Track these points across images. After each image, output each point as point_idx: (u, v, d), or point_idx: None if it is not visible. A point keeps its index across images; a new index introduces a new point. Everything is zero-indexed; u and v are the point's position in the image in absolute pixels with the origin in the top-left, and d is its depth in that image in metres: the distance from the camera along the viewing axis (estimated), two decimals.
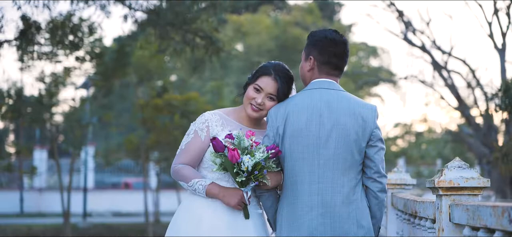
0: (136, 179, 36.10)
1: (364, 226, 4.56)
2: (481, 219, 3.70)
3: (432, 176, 34.31)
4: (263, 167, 4.51)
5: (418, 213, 5.27)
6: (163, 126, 24.52)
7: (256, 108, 4.85)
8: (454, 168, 4.31)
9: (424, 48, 23.42)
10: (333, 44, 4.72)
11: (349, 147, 4.54)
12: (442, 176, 4.30)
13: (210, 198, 4.78)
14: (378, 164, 4.62)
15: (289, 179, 4.64)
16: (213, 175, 4.83)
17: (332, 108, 4.57)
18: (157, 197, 27.92)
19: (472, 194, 4.30)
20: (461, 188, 4.28)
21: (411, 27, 23.48)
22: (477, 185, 4.26)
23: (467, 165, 4.34)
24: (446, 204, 4.31)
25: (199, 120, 4.96)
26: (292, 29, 38.47)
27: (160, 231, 26.33)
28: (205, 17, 11.65)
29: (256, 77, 4.90)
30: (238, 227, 4.76)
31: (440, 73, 23.47)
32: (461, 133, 26.78)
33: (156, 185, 28.66)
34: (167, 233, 5.00)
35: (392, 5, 23.65)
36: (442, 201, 4.33)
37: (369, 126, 4.58)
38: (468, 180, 4.26)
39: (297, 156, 4.59)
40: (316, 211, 4.52)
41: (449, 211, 4.30)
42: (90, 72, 22.73)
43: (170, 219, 18.56)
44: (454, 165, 4.33)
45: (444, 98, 24.19)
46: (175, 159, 4.98)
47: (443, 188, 4.30)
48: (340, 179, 4.54)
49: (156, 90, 26.14)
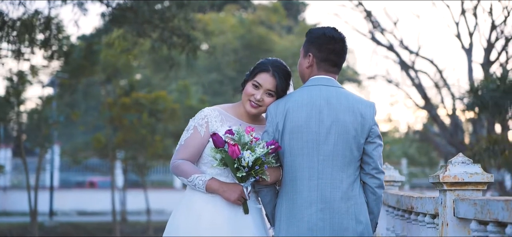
0: (101, 178, 35.87)
1: (362, 222, 4.61)
2: (491, 213, 3.76)
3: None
4: (263, 163, 4.53)
5: (414, 208, 5.33)
6: (131, 125, 24.42)
7: (255, 104, 4.88)
8: (458, 164, 4.37)
9: (391, 48, 23.61)
10: (332, 41, 4.76)
11: (348, 144, 4.58)
12: (446, 171, 4.37)
13: (210, 193, 4.79)
14: (376, 161, 4.67)
15: (289, 175, 4.67)
16: (212, 170, 4.85)
17: (331, 105, 4.61)
18: (124, 196, 27.77)
19: (476, 189, 4.37)
20: (465, 183, 4.35)
21: (379, 27, 23.66)
22: (481, 180, 4.34)
23: (470, 160, 4.40)
24: (450, 199, 4.37)
25: (198, 116, 4.97)
26: (257, 28, 38.51)
27: (128, 230, 26.22)
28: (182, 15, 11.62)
29: (254, 73, 4.93)
30: (238, 222, 4.78)
31: (407, 73, 23.69)
32: (428, 133, 27.06)
33: (123, 184, 28.51)
34: (167, 228, 5.02)
35: (360, 5, 23.80)
36: (446, 196, 4.39)
37: (367, 123, 4.63)
38: (472, 175, 4.32)
39: (296, 152, 4.62)
40: (315, 207, 4.55)
41: (453, 205, 4.35)
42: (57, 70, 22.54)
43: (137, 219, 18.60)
44: (458, 160, 4.39)
45: (411, 97, 24.41)
46: (174, 155, 4.99)
47: (448, 183, 4.36)
48: (339, 175, 4.58)
49: (123, 89, 26.02)
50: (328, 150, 4.58)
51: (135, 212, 31.34)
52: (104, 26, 27.49)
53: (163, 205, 33.47)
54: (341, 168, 4.59)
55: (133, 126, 24.46)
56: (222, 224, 4.77)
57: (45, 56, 19.30)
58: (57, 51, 18.17)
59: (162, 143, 26.34)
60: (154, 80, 37.05)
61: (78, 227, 26.34)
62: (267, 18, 40.13)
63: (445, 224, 4.41)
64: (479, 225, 4.04)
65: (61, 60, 20.16)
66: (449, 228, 4.38)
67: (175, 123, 26.38)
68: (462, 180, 4.33)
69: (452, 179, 4.33)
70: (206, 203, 4.82)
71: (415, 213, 5.38)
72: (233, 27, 37.82)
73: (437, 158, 35.03)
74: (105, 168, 33.48)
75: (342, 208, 4.56)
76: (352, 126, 4.59)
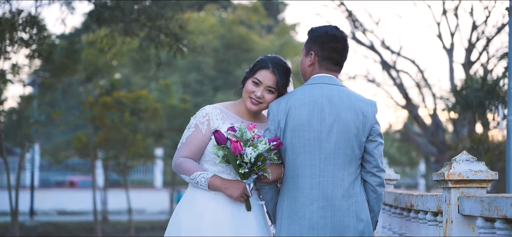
0: (81, 177, 35.74)
1: (363, 220, 4.63)
2: (499, 210, 3.80)
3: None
4: (265, 159, 4.55)
5: (414, 206, 5.36)
6: (112, 124, 24.35)
7: (255, 101, 4.90)
8: (462, 161, 4.42)
9: (373, 48, 23.68)
10: (334, 40, 4.78)
11: (350, 142, 4.61)
12: (451, 169, 4.41)
13: (212, 191, 4.80)
14: (377, 159, 4.70)
15: (290, 172, 4.68)
16: (215, 168, 4.85)
17: (333, 103, 4.63)
18: (105, 196, 27.68)
19: (480, 186, 4.41)
20: (470, 181, 4.39)
21: (361, 27, 23.73)
22: (485, 178, 4.38)
23: (475, 158, 4.44)
24: (455, 196, 4.41)
25: (200, 113, 4.98)
26: (237, 28, 38.55)
27: (109, 230, 26.13)
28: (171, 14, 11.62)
29: (254, 70, 4.94)
30: (240, 219, 4.79)
31: (388, 73, 23.77)
32: (409, 132, 27.18)
33: (103, 183, 28.42)
34: (169, 226, 5.01)
35: (342, 5, 23.84)
36: (451, 193, 4.43)
37: (369, 121, 4.66)
38: (476, 173, 4.37)
39: (298, 150, 4.64)
40: (317, 204, 4.57)
41: (458, 203, 4.39)
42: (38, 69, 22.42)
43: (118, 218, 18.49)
44: (462, 158, 4.43)
45: (392, 97, 24.49)
46: (176, 153, 4.98)
47: (453, 181, 4.40)
48: (341, 173, 4.60)
49: (104, 88, 25.95)
50: (330, 148, 4.60)
51: (116, 211, 31.26)
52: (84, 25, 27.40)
53: (143, 204, 33.44)
54: (342, 166, 4.61)
55: (114, 126, 24.40)
56: (225, 221, 4.78)
57: (27, 55, 19.17)
58: (38, 50, 18.05)
59: (144, 143, 26.30)
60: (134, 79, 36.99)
61: (58, 226, 26.22)
62: (247, 17, 40.17)
63: (449, 222, 4.45)
64: (485, 222, 4.09)
65: (42, 59, 20.03)
66: (453, 225, 4.41)
67: (156, 123, 26.34)
68: (467, 178, 4.37)
69: (457, 176, 4.37)
70: (209, 200, 4.83)
71: (415, 211, 5.42)
72: (213, 26, 37.83)
73: (416, 158, 35.19)
74: (85, 168, 33.36)
75: (343, 206, 4.58)
76: (354, 124, 4.62)
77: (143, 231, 26.99)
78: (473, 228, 4.40)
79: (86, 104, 24.78)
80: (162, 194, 34.77)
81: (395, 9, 36.96)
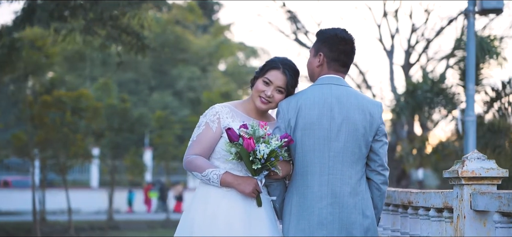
0: (16, 177, 35.17)
1: (368, 216, 4.81)
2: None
3: None
4: (277, 155, 4.68)
5: (413, 203, 5.53)
6: (52, 123, 24.08)
7: (265, 101, 5.01)
8: (474, 159, 4.62)
9: None
10: (343, 42, 4.93)
11: (358, 141, 4.78)
12: (464, 166, 4.60)
13: (224, 187, 4.91)
14: (382, 158, 4.88)
15: (300, 169, 4.82)
16: (225, 165, 4.96)
17: (342, 103, 4.79)
18: (43, 196, 27.34)
19: (491, 183, 4.62)
20: (482, 178, 4.59)
21: (303, 29, 23.99)
22: (496, 175, 4.59)
23: (485, 156, 4.65)
24: (467, 193, 4.61)
25: (210, 112, 5.07)
26: (173, 28, 38.49)
27: (47, 230, 25.81)
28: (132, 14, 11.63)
29: (265, 70, 5.05)
30: (252, 214, 4.90)
31: None
32: None
33: (40, 183, 28.07)
34: (181, 223, 5.09)
35: (284, 6, 24.06)
36: (464, 190, 4.63)
37: (376, 122, 4.83)
38: (488, 171, 4.58)
39: (308, 148, 4.78)
40: (326, 201, 4.73)
41: (470, 199, 4.60)
42: None
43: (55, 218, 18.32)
44: (474, 156, 4.63)
45: None
46: (187, 151, 5.07)
47: (466, 178, 4.60)
48: (348, 171, 4.77)
49: (44, 86, 25.65)
50: (339, 147, 4.75)
51: (52, 211, 30.87)
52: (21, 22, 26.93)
53: (79, 204, 33.09)
54: (350, 164, 4.78)
55: (55, 125, 24.13)
56: (238, 218, 4.88)
57: None
58: None
59: (83, 142, 26.08)
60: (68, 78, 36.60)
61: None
62: (182, 17, 40.13)
63: (462, 217, 4.64)
64: (502, 217, 4.30)
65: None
66: (466, 220, 4.61)
67: (97, 122, 26.15)
68: (479, 175, 4.57)
69: (470, 174, 4.57)
70: (222, 197, 4.92)
71: (413, 207, 5.59)
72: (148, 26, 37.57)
73: None
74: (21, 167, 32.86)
75: (350, 203, 4.74)
76: (361, 124, 4.78)
77: (82, 231, 26.77)
78: (484, 223, 4.60)
79: (25, 103, 24.44)
80: (98, 194, 34.50)
81: (337, 11, 37.60)
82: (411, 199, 5.55)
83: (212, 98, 27.24)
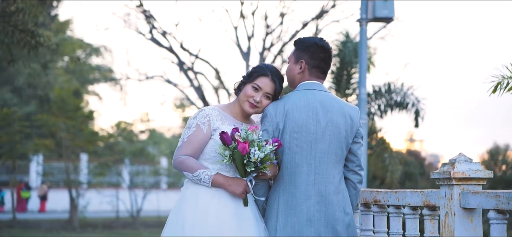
0: None
1: (348, 213, 5.23)
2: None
3: (157, 175, 34.72)
4: (270, 159, 4.98)
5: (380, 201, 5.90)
6: None
7: (254, 105, 5.27)
8: (462, 162, 5.05)
9: (171, 50, 24.04)
10: (322, 50, 5.31)
11: (340, 143, 5.17)
12: (454, 168, 5.02)
13: (214, 188, 5.12)
14: (359, 158, 5.33)
15: (287, 170, 5.15)
16: (214, 166, 5.20)
17: (325, 108, 5.16)
18: None
19: (478, 184, 5.07)
20: (470, 179, 5.03)
21: (160, 29, 23.97)
22: (483, 176, 5.05)
23: (471, 159, 5.10)
24: (457, 192, 5.04)
25: (201, 114, 5.27)
26: None
27: None
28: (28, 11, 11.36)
29: (254, 77, 5.30)
30: (241, 214, 5.15)
31: (186, 74, 24.26)
32: None
33: None
34: (170, 223, 5.24)
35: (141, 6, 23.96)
36: (454, 190, 5.05)
37: (355, 125, 5.25)
38: (476, 172, 5.02)
39: (295, 149, 5.12)
40: (313, 199, 5.09)
41: (460, 198, 5.03)
42: None
43: None
44: (461, 159, 5.06)
45: (189, 98, 24.97)
46: (177, 151, 5.24)
47: (456, 178, 5.03)
48: (332, 171, 5.16)
49: None
50: (324, 148, 5.12)
51: None
52: None
53: None
54: (333, 164, 5.16)
55: None
56: (228, 216, 5.11)
57: None
58: None
59: None
60: None
61: None
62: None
63: (451, 214, 5.05)
64: (497, 214, 4.77)
65: None
66: (456, 217, 5.03)
67: None
68: (469, 176, 5.01)
69: (460, 175, 5.00)
70: (212, 197, 5.13)
71: (379, 205, 5.97)
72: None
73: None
74: None
75: (334, 201, 5.13)
76: (343, 127, 5.18)
77: None
78: (471, 220, 5.04)
79: None
80: None
81: (196, 12, 37.88)
82: (378, 198, 5.93)
83: (63, 96, 26.71)
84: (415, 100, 16.50)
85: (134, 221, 30.51)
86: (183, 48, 24.01)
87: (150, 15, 23.79)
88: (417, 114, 16.57)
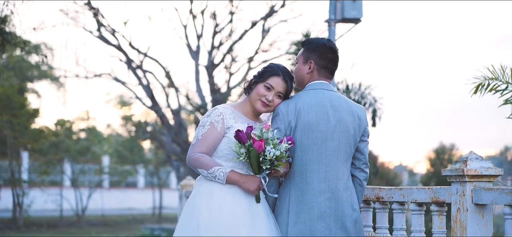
0: None
1: (356, 209, 5.42)
2: None
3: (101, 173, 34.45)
4: (285, 157, 5.11)
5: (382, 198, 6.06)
6: None
7: (266, 104, 5.38)
8: (474, 159, 5.24)
9: (120, 48, 23.86)
10: (331, 51, 5.49)
11: (349, 141, 5.35)
12: (467, 166, 5.21)
13: (228, 185, 5.25)
14: (366, 156, 5.54)
15: (298, 167, 5.30)
16: (227, 163, 5.32)
17: (335, 107, 5.33)
18: None
19: (489, 181, 5.27)
20: (482, 176, 5.23)
21: (108, 27, 23.76)
22: (494, 173, 5.25)
23: (481, 157, 5.28)
24: (469, 189, 5.22)
25: (214, 112, 5.37)
26: None
27: None
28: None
29: (266, 76, 5.43)
30: (254, 210, 5.28)
31: (134, 73, 24.11)
32: (154, 131, 27.72)
33: None
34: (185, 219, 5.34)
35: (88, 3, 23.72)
36: (466, 186, 5.23)
37: (363, 124, 5.44)
38: (488, 169, 5.22)
39: (307, 147, 5.28)
40: (324, 196, 5.26)
41: (472, 194, 5.21)
42: None
43: None
44: (473, 157, 5.25)
45: (138, 97, 24.81)
46: (191, 149, 5.34)
47: (469, 176, 5.21)
48: (342, 168, 5.34)
49: None
50: (334, 146, 5.29)
51: None
52: None
53: None
54: (343, 162, 5.34)
55: None
56: (243, 212, 5.24)
57: None
58: None
59: None
60: None
61: None
62: None
63: (463, 210, 5.23)
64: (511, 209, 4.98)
65: None
66: (468, 213, 5.21)
67: None
68: (481, 173, 5.21)
69: (473, 172, 5.18)
70: (226, 194, 5.26)
71: (381, 202, 6.12)
72: None
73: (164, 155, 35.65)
74: None
75: (343, 197, 5.31)
76: (352, 126, 5.36)
77: None
78: (483, 215, 5.24)
79: None
80: None
81: (145, 10, 37.65)
82: (381, 195, 6.08)
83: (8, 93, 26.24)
84: (372, 99, 16.82)
85: (79, 220, 30.25)
86: (132, 46, 23.84)
87: (98, 12, 23.55)
88: (374, 113, 16.89)
